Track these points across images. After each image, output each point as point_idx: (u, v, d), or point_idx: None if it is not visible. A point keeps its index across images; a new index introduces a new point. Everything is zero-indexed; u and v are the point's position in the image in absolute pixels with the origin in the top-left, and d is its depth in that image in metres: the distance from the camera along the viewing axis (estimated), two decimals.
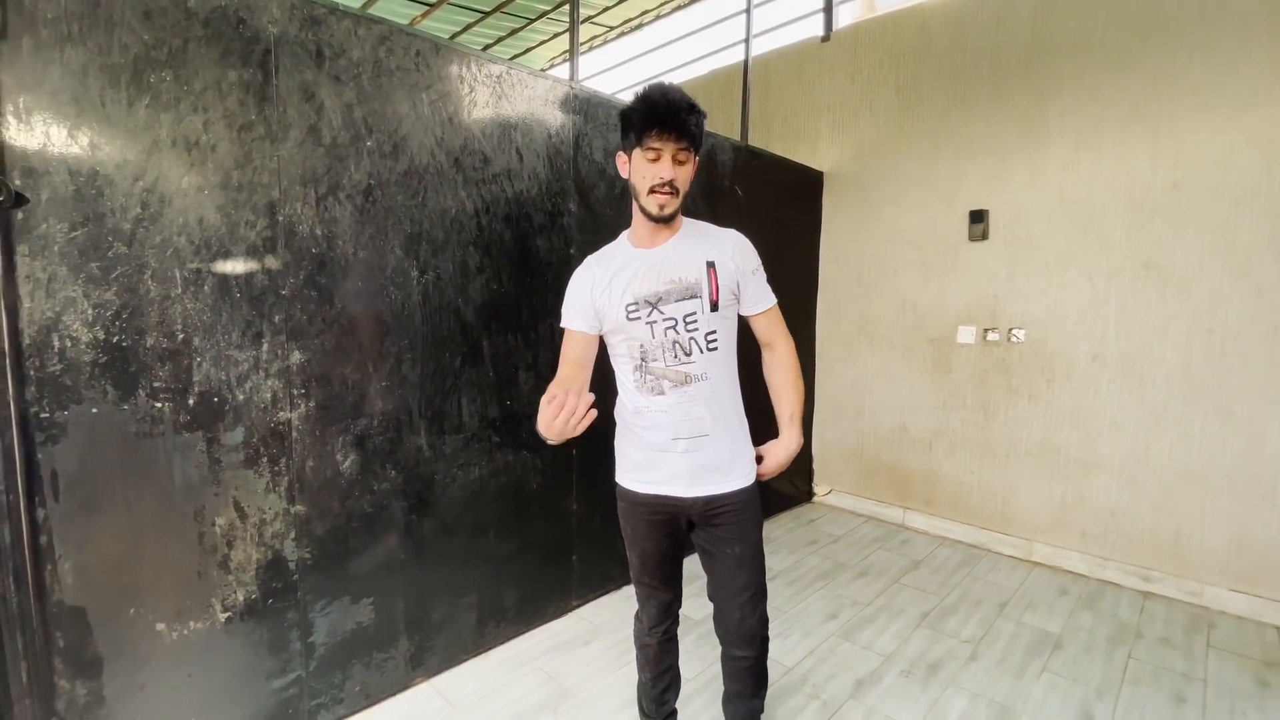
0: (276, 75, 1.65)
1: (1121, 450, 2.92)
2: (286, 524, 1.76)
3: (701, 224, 1.50)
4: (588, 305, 1.46)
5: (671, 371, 1.41)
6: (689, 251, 1.42)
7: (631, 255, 1.45)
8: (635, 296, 1.40)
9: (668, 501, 1.45)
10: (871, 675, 2.21)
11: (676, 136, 1.30)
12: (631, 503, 1.52)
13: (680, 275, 1.40)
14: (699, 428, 1.42)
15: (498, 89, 2.16)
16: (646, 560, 1.55)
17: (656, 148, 1.31)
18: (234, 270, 1.61)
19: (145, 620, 1.55)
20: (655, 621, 1.61)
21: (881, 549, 3.37)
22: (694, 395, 1.41)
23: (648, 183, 1.34)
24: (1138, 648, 2.40)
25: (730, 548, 1.46)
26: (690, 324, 1.39)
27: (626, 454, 1.52)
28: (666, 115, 1.29)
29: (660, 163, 1.33)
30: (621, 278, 1.43)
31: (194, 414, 1.57)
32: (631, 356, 1.44)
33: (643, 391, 1.44)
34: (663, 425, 1.42)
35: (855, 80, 3.82)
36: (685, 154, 1.34)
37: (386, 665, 2.02)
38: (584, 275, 1.50)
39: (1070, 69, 2.98)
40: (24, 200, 1.30)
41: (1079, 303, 3.01)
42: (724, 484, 1.44)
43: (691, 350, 1.40)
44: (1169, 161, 2.74)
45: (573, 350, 1.49)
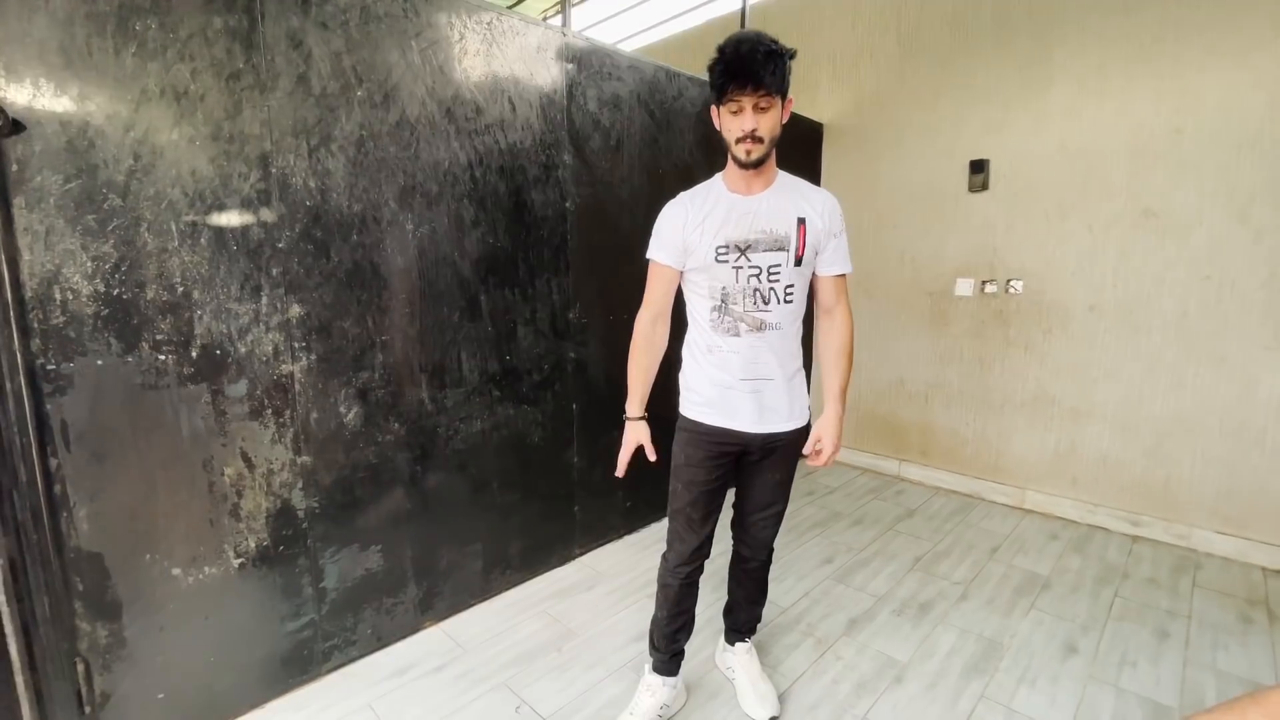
0: (263, 22, 1.62)
1: (1115, 399, 2.96)
2: (294, 474, 1.80)
3: (796, 179, 1.54)
4: (678, 241, 1.51)
5: (749, 316, 1.48)
6: (782, 205, 1.47)
7: (726, 199, 1.49)
8: (726, 240, 1.45)
9: (732, 435, 1.55)
10: (865, 614, 2.29)
11: (753, 89, 1.31)
12: (696, 432, 1.59)
13: (772, 227, 1.45)
14: (766, 371, 1.51)
15: (488, 36, 2.12)
16: (694, 488, 1.60)
17: (737, 100, 1.34)
18: (229, 223, 1.61)
19: (161, 566, 1.60)
20: (682, 560, 1.66)
21: (877, 499, 3.44)
22: (766, 341, 1.49)
23: (733, 135, 1.39)
24: (1124, 587, 2.48)
25: (774, 473, 1.63)
26: (774, 274, 1.46)
27: (695, 388, 1.59)
28: (739, 70, 1.30)
29: (742, 115, 1.36)
30: (714, 218, 1.47)
31: (197, 366, 1.60)
32: (712, 296, 1.50)
33: (718, 331, 1.51)
34: (733, 365, 1.51)
35: (855, 28, 3.72)
36: (768, 100, 1.34)
37: (396, 610, 2.09)
38: (676, 211, 1.53)
39: (1075, 9, 2.90)
40: (21, 128, 1.29)
41: (1077, 252, 3.00)
42: (784, 423, 1.56)
43: (770, 299, 1.47)
44: (1172, 106, 2.70)
45: (657, 285, 1.58)
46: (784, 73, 1.35)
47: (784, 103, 1.40)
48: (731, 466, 1.63)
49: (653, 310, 1.60)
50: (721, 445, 1.57)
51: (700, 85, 3.02)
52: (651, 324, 1.61)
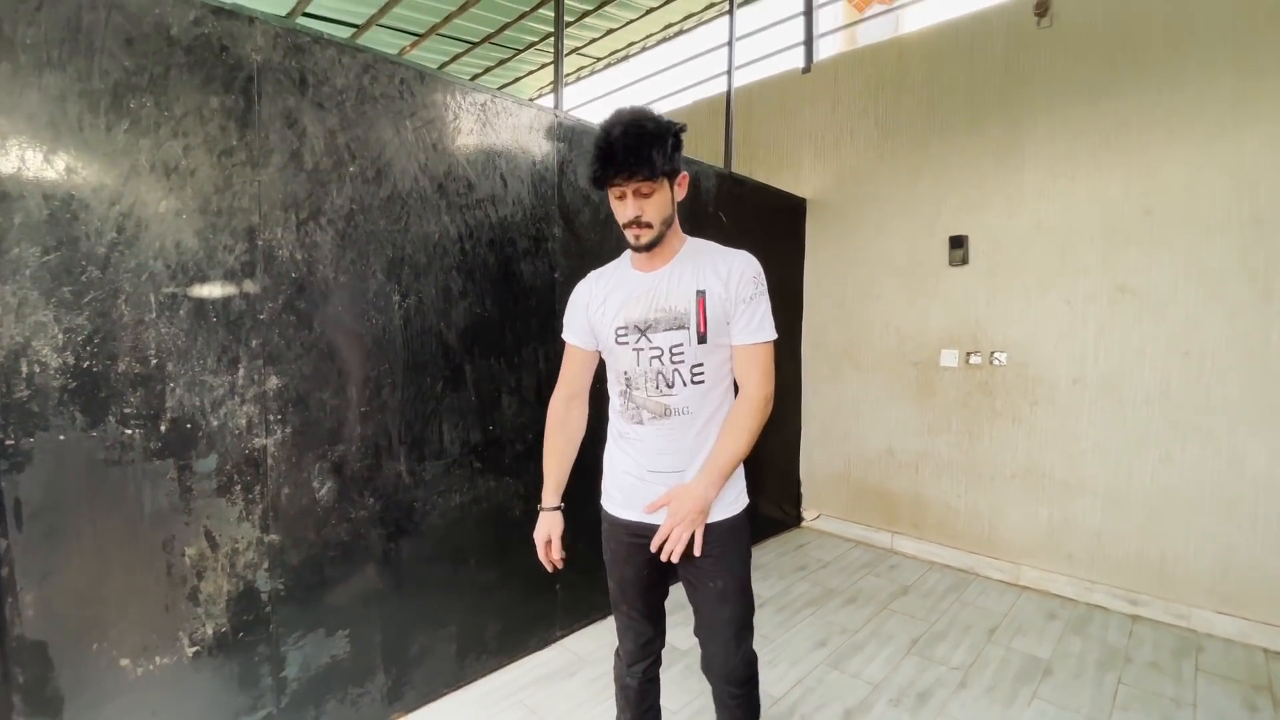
0: (259, 102, 1.66)
1: (1105, 472, 2.93)
2: (260, 554, 1.71)
3: (708, 246, 1.43)
4: (584, 321, 1.47)
5: (652, 402, 1.37)
6: (681, 278, 1.36)
7: (628, 277, 1.42)
8: (625, 321, 1.38)
9: (647, 530, 1.38)
10: (860, 704, 2.17)
11: (627, 176, 1.24)
12: (611, 525, 1.48)
13: (671, 304, 1.35)
14: (675, 462, 1.37)
15: (482, 116, 2.18)
16: (625, 587, 1.49)
17: (616, 186, 1.28)
18: (211, 294, 1.60)
19: (109, 655, 1.49)
20: (633, 658, 1.53)
21: (870, 574, 3.34)
22: (673, 428, 1.36)
23: (620, 219, 1.33)
24: (1127, 673, 2.38)
25: (712, 581, 1.39)
26: (676, 355, 1.34)
27: (608, 476, 1.50)
28: (612, 157, 1.24)
29: (625, 201, 1.29)
30: (615, 299, 1.41)
31: (165, 440, 1.54)
32: (618, 381, 1.43)
33: (624, 417, 1.42)
34: (640, 454, 1.40)
35: (836, 110, 3.91)
36: (650, 185, 1.27)
37: (362, 701, 1.95)
38: (583, 290, 1.50)
39: (1044, 99, 3.06)
40: None
41: (1058, 326, 3.05)
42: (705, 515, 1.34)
43: (674, 382, 1.35)
44: (1141, 189, 2.81)
45: (571, 365, 1.52)
46: (667, 153, 1.26)
47: (674, 181, 1.33)
48: (660, 562, 1.38)
49: (566, 390, 1.52)
50: (641, 539, 1.39)
51: (686, 163, 3.11)
52: (565, 404, 1.52)
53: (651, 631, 1.53)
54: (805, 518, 4.15)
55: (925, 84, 3.49)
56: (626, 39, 5.74)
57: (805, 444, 4.14)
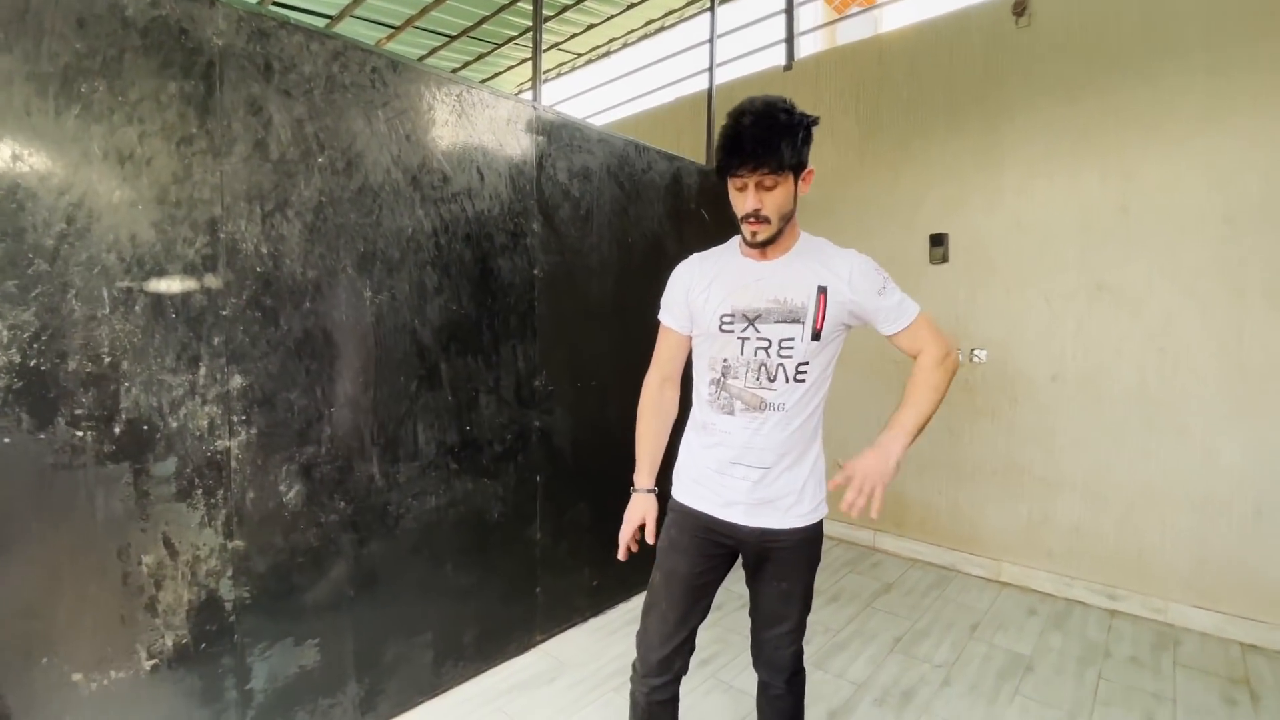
0: (221, 88, 1.59)
1: (1083, 468, 2.96)
2: (223, 561, 1.64)
3: (820, 242, 1.37)
4: (683, 304, 1.40)
5: (748, 394, 1.31)
6: (800, 271, 1.30)
7: (738, 263, 1.35)
8: (733, 308, 1.31)
9: (722, 526, 1.36)
10: (845, 705, 2.14)
11: (753, 167, 1.18)
12: (682, 515, 1.42)
13: (786, 296, 1.29)
14: (763, 459, 1.32)
15: (458, 108, 2.12)
16: (671, 580, 1.40)
17: (739, 177, 1.22)
18: (169, 289, 1.52)
19: (60, 670, 1.41)
20: (649, 669, 1.40)
21: (853, 572, 3.33)
22: (765, 423, 1.31)
23: (738, 212, 1.26)
24: (1107, 667, 2.39)
25: (779, 582, 1.40)
26: (785, 349, 1.29)
27: (686, 466, 1.44)
28: (738, 147, 1.18)
29: (745, 193, 1.23)
30: (722, 284, 1.34)
31: (120, 443, 1.46)
32: (712, 368, 1.36)
33: (714, 407, 1.36)
34: (725, 446, 1.34)
35: (817, 108, 3.86)
36: (773, 179, 1.20)
37: (333, 712, 1.88)
38: (684, 272, 1.42)
39: (1022, 98, 3.08)
40: None
41: (1037, 323, 3.07)
42: (783, 519, 1.34)
43: (776, 377, 1.29)
44: (1117, 187, 2.84)
45: (665, 349, 1.47)
46: (796, 146, 1.19)
47: (799, 176, 1.24)
48: (723, 565, 1.42)
49: (660, 372, 1.48)
50: (710, 535, 1.37)
51: (667, 159, 3.08)
52: (659, 386, 1.48)
53: (678, 643, 1.41)
54: None
55: (905, 83, 3.49)
56: (607, 35, 5.69)
57: None
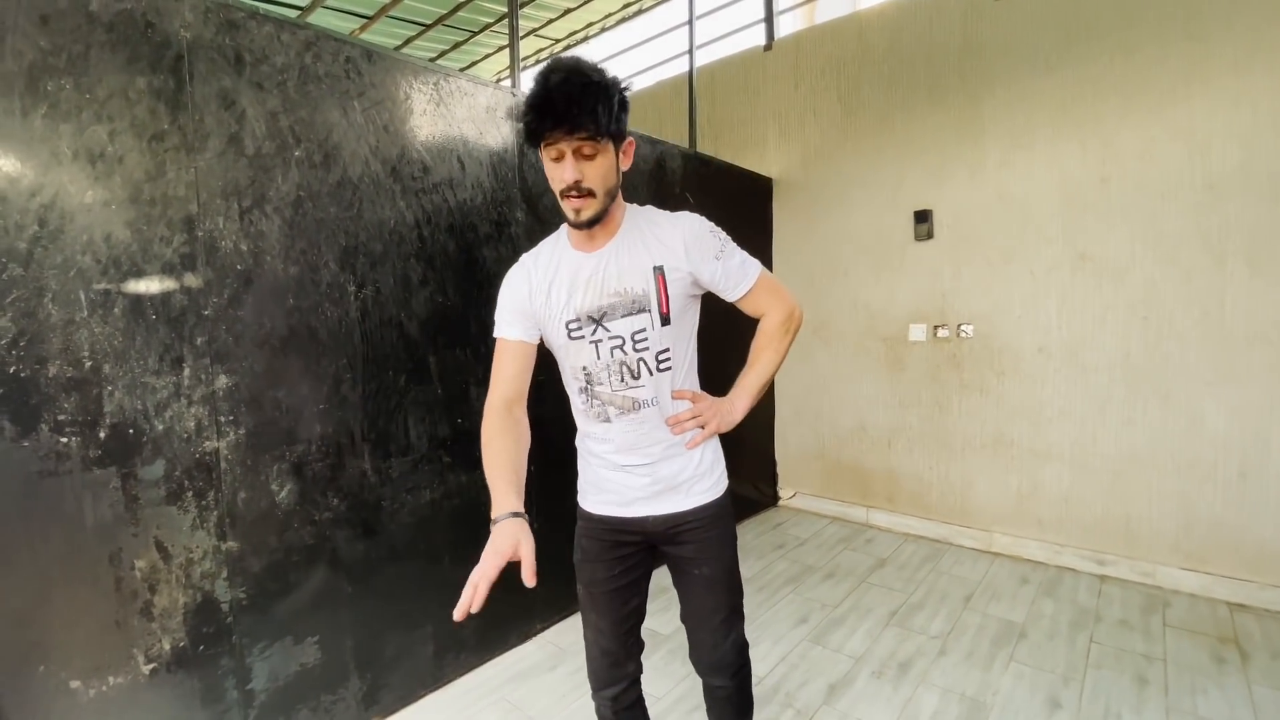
0: (191, 82, 1.55)
1: (1070, 438, 3.00)
2: (217, 562, 1.63)
3: (649, 212, 1.27)
4: (527, 310, 1.25)
5: (618, 398, 1.24)
6: (634, 256, 1.19)
7: (569, 260, 1.23)
8: (577, 312, 1.21)
9: (626, 523, 1.31)
10: (844, 678, 2.18)
11: (568, 130, 1.04)
12: (587, 523, 1.36)
13: (626, 286, 1.19)
14: (650, 454, 1.27)
15: (435, 97, 2.09)
16: (594, 589, 1.34)
17: (555, 145, 1.07)
18: (148, 290, 1.49)
19: (57, 678, 1.40)
20: (601, 682, 1.37)
21: (847, 549, 3.37)
22: (644, 420, 1.25)
23: (557, 186, 1.12)
24: (1098, 631, 2.44)
25: (697, 568, 1.31)
26: (639, 342, 1.20)
27: (583, 473, 1.39)
28: (550, 108, 1.02)
29: (563, 163, 1.08)
30: (560, 287, 1.22)
31: (105, 448, 1.44)
32: (576, 378, 1.27)
33: (589, 417, 1.29)
34: (612, 451, 1.29)
35: (799, 88, 3.88)
36: (593, 146, 1.07)
37: (336, 708, 1.88)
38: (519, 276, 1.28)
39: (1001, 70, 3.08)
40: None
41: (1022, 296, 3.09)
42: (685, 501, 1.29)
43: (640, 373, 1.22)
44: (1097, 157, 2.85)
45: (508, 364, 1.26)
46: (613, 110, 1.07)
47: (619, 146, 1.14)
48: (641, 564, 1.36)
49: (502, 393, 1.25)
50: (619, 536, 1.32)
51: (650, 144, 3.06)
52: (505, 409, 1.25)
53: (620, 651, 1.36)
54: (782, 497, 4.17)
55: (885, 59, 3.48)
56: (585, 19, 5.62)
57: (779, 424, 4.15)
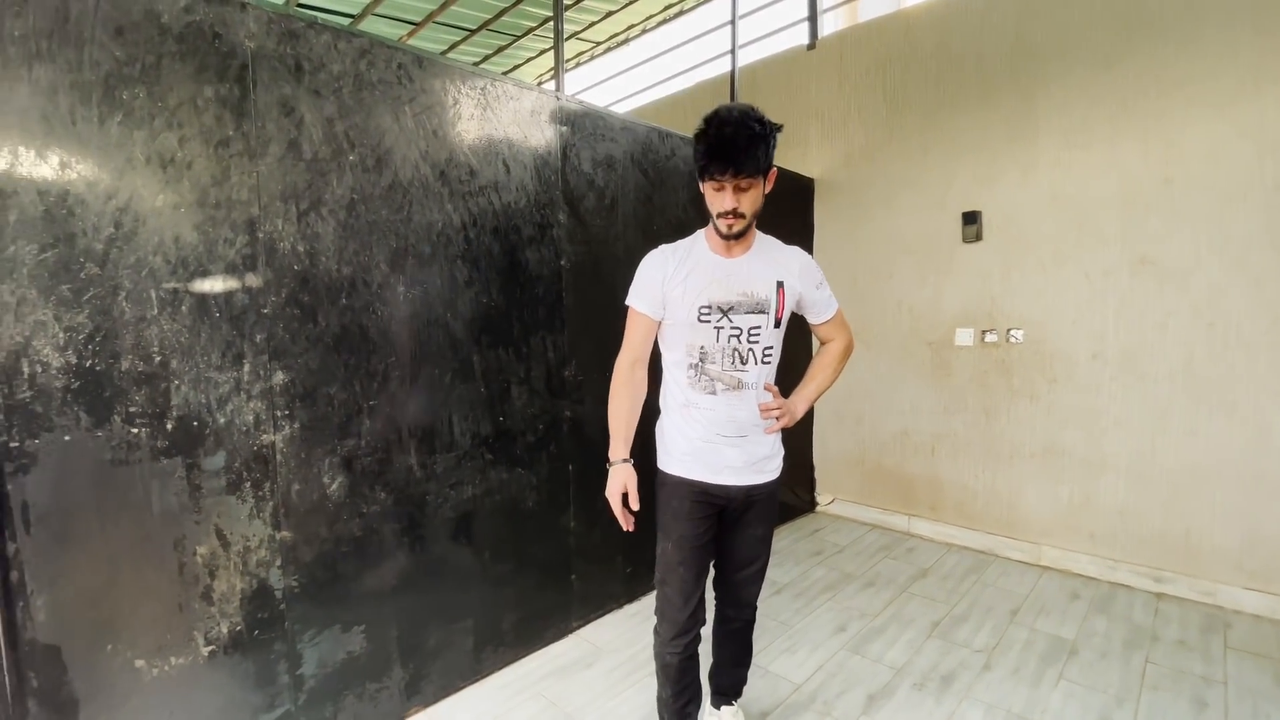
0: (254, 90, 1.62)
1: (1127, 449, 2.88)
2: (272, 551, 1.69)
3: (771, 240, 1.59)
4: (658, 294, 1.53)
5: (726, 375, 1.50)
6: (762, 269, 1.51)
7: (709, 260, 1.52)
8: (710, 301, 1.48)
9: (715, 489, 1.55)
10: (883, 689, 2.14)
11: (734, 173, 1.34)
12: (680, 486, 1.57)
13: (753, 290, 1.49)
14: (742, 429, 1.53)
15: (482, 101, 2.13)
16: (684, 545, 1.56)
17: (719, 180, 1.37)
18: (213, 289, 1.57)
19: (124, 657, 1.48)
20: (676, 630, 1.59)
21: (888, 558, 3.30)
22: (741, 400, 1.51)
23: (715, 209, 1.43)
24: (1155, 651, 2.34)
25: (755, 529, 1.63)
26: (754, 336, 1.49)
27: (674, 441, 1.59)
28: (720, 154, 1.33)
29: (724, 193, 1.39)
30: (696, 278, 1.49)
31: (172, 439, 1.51)
32: (690, 354, 1.52)
33: (695, 388, 1.53)
34: (709, 422, 1.52)
35: (843, 87, 3.82)
36: (749, 181, 1.37)
37: (380, 696, 1.94)
38: (657, 261, 1.55)
39: (1056, 68, 2.98)
40: None
41: (1076, 301, 2.98)
42: (761, 476, 1.57)
43: (748, 360, 1.50)
44: (1160, 156, 2.73)
45: (638, 333, 1.58)
46: (768, 152, 1.37)
47: (767, 177, 1.43)
48: (716, 524, 1.61)
49: (632, 355, 1.59)
50: (705, 499, 1.56)
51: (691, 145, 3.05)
52: (630, 368, 1.60)
53: (698, 601, 1.60)
54: (819, 502, 4.11)
55: (934, 56, 3.40)
56: (626, 21, 5.64)
57: (818, 429, 4.09)
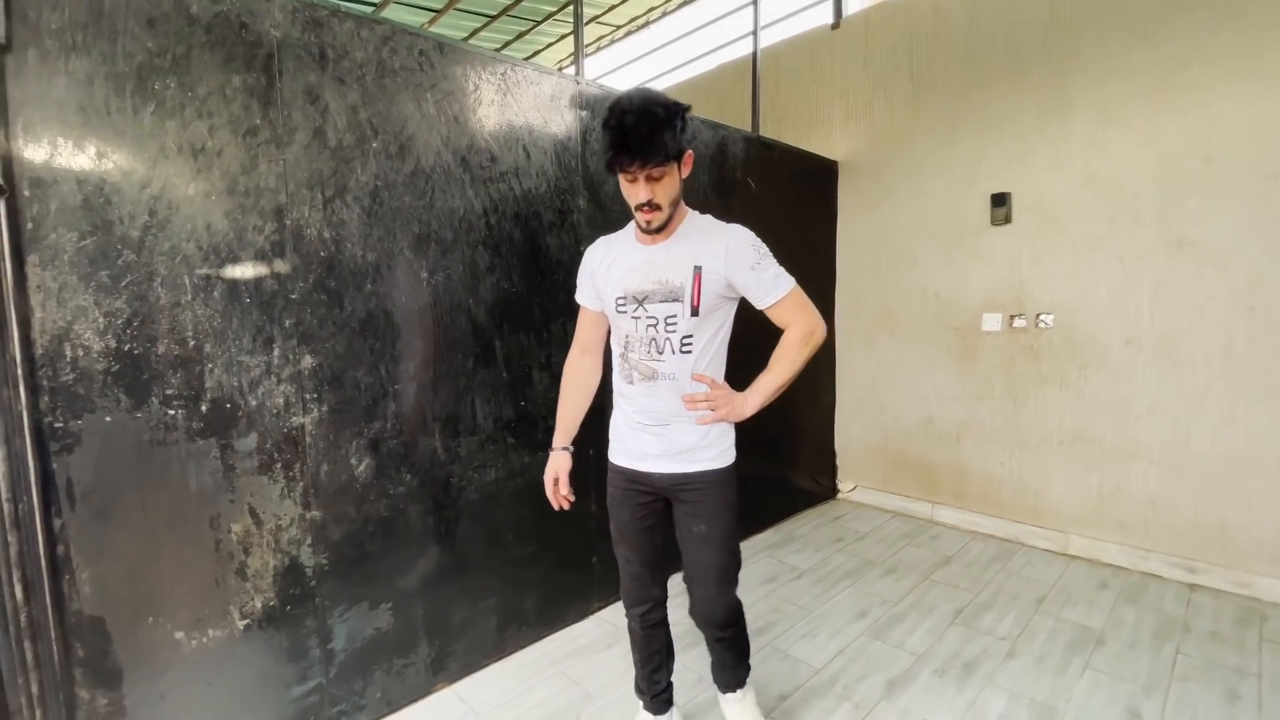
0: (280, 79, 1.65)
1: (1161, 437, 2.80)
2: (302, 530, 1.74)
3: (706, 221, 1.48)
4: (591, 284, 1.58)
5: (643, 365, 1.49)
6: (679, 255, 1.43)
7: (629, 248, 1.51)
8: (625, 291, 1.48)
9: (639, 476, 1.55)
10: (904, 675, 2.13)
11: (641, 163, 1.28)
12: (612, 471, 1.63)
13: (668, 277, 1.43)
14: (661, 418, 1.50)
15: (503, 86, 2.14)
16: (623, 528, 1.62)
17: (629, 170, 1.31)
18: (243, 275, 1.61)
19: (164, 629, 1.54)
20: (631, 601, 1.65)
21: (910, 545, 3.28)
22: (658, 391, 1.48)
23: (631, 201, 1.39)
24: (1186, 642, 2.29)
25: (695, 525, 1.52)
26: (670, 325, 1.44)
27: (612, 427, 1.64)
28: (624, 145, 1.27)
29: (636, 185, 1.34)
30: (618, 269, 1.50)
31: (207, 421, 1.57)
32: (618, 343, 1.55)
33: (620, 376, 1.56)
34: (632, 410, 1.54)
35: (868, 67, 3.74)
36: (660, 169, 1.31)
37: (407, 671, 2.00)
38: (591, 254, 1.60)
39: (1092, 42, 2.88)
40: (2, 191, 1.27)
41: (1110, 285, 2.90)
42: (689, 465, 1.50)
43: (665, 350, 1.45)
44: (1200, 133, 2.63)
45: (583, 324, 1.66)
46: (675, 137, 1.30)
47: (681, 162, 1.36)
48: (658, 511, 1.60)
49: (579, 346, 1.68)
50: (634, 485, 1.57)
51: (711, 128, 3.03)
52: (579, 358, 1.68)
53: (647, 577, 1.64)
54: (841, 489, 4.09)
55: (963, 33, 3.31)
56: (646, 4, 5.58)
57: (840, 416, 4.06)
